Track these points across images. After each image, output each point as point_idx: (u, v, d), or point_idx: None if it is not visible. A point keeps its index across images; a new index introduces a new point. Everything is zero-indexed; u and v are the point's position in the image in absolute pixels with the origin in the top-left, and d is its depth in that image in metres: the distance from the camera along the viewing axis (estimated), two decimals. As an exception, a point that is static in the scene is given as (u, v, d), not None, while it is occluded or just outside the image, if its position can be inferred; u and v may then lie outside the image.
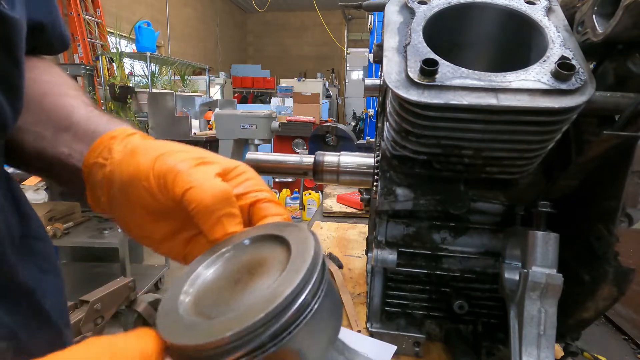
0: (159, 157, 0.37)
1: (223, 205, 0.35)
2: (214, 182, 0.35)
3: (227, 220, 0.35)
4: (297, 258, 0.28)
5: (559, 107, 0.44)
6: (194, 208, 0.35)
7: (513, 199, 0.62)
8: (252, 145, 4.07)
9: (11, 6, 0.37)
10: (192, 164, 0.37)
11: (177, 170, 0.36)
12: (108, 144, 0.41)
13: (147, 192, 0.37)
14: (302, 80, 8.17)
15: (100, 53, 5.00)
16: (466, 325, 0.68)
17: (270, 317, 0.24)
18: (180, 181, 0.35)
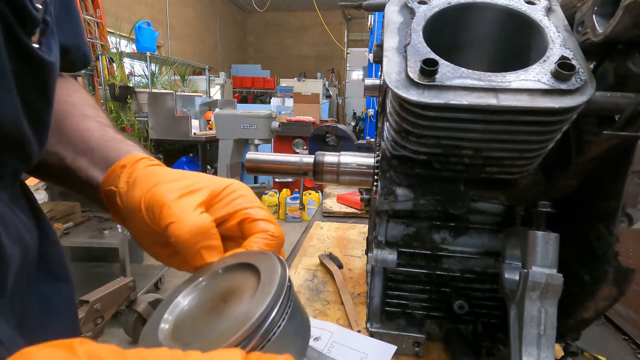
0: (150, 189, 0.41)
1: (200, 238, 0.38)
2: (192, 217, 0.38)
3: (205, 252, 0.38)
4: (265, 284, 0.31)
5: (559, 107, 0.44)
6: (174, 241, 0.38)
7: (513, 199, 0.62)
8: (252, 145, 4.07)
9: (49, 49, 0.40)
10: (177, 195, 0.39)
11: (163, 203, 0.39)
12: (118, 172, 0.45)
13: (142, 222, 0.41)
14: (302, 80, 8.17)
15: (100, 53, 5.00)
16: (466, 325, 0.68)
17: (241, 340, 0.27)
18: (164, 214, 0.38)
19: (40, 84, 0.39)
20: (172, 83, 5.71)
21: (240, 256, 0.38)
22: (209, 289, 0.36)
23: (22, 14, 0.34)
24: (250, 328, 0.27)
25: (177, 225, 0.37)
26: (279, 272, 0.31)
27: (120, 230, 2.66)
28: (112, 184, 0.45)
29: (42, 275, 0.46)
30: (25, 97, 0.37)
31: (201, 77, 6.82)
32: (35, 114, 0.40)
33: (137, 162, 0.45)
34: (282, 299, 0.30)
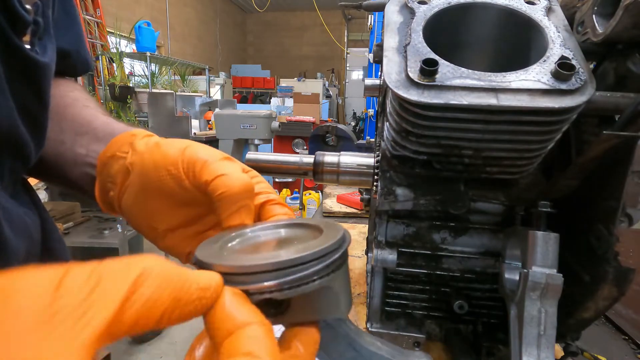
0: (187, 147, 0.40)
1: (247, 196, 0.37)
2: (242, 175, 0.38)
3: (245, 211, 0.37)
4: (328, 229, 0.31)
5: (559, 107, 0.44)
6: (221, 193, 0.36)
7: (513, 199, 0.62)
8: (252, 145, 4.07)
9: (43, 50, 0.40)
10: (220, 157, 0.39)
11: (206, 160, 0.38)
12: (129, 139, 0.43)
13: (172, 177, 0.39)
14: (302, 80, 8.16)
15: (100, 53, 5.00)
16: (466, 325, 0.68)
17: (321, 255, 0.27)
18: (209, 169, 0.37)
19: (34, 85, 0.39)
20: (172, 83, 5.71)
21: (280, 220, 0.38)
22: (266, 237, 0.35)
23: (11, 15, 0.34)
24: (332, 246, 0.27)
25: (228, 178, 0.36)
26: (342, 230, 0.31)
27: (120, 230, 2.66)
28: (118, 150, 0.43)
29: None
30: (19, 98, 0.37)
31: (201, 77, 6.82)
32: (31, 114, 0.40)
33: (151, 135, 0.45)
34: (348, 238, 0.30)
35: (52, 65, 0.42)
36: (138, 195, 0.42)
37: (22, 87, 0.38)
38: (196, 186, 0.38)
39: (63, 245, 0.51)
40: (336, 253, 0.28)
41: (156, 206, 0.41)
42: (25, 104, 0.39)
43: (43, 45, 0.40)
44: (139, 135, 0.44)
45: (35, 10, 0.38)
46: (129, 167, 0.41)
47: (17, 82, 0.37)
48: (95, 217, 3.01)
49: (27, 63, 0.37)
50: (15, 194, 0.42)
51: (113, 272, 0.22)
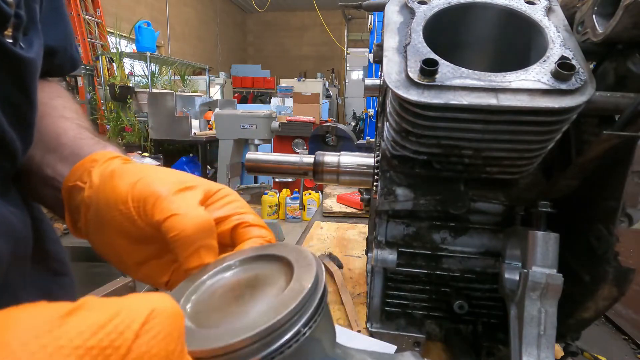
0: (139, 180, 0.37)
1: (203, 236, 0.35)
2: (197, 212, 0.35)
3: (204, 252, 0.35)
4: (299, 262, 0.28)
5: (559, 107, 0.44)
6: (174, 236, 0.34)
7: (513, 199, 0.62)
8: (252, 145, 4.07)
9: (29, 45, 0.39)
10: (174, 189, 0.36)
11: (158, 195, 0.35)
12: (88, 166, 0.41)
13: (124, 216, 0.36)
14: (302, 80, 8.16)
15: (100, 53, 5.00)
16: (466, 325, 0.68)
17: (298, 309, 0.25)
18: (161, 207, 0.35)
19: (17, 80, 0.38)
20: (172, 83, 5.72)
21: (248, 251, 0.35)
22: (229, 279, 0.33)
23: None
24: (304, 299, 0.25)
25: (181, 219, 0.34)
26: (310, 255, 0.29)
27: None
28: (78, 179, 0.40)
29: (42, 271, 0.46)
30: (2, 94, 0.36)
31: (201, 77, 6.82)
32: (15, 110, 0.38)
33: (113, 159, 0.41)
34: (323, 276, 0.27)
35: (39, 60, 0.41)
36: (99, 231, 0.39)
37: (4, 82, 0.37)
38: (149, 225, 0.35)
39: (59, 247, 0.50)
40: (314, 300, 0.26)
41: (118, 243, 0.39)
42: (8, 99, 0.37)
43: (29, 40, 0.39)
44: (100, 160, 0.41)
45: (17, 3, 0.36)
46: (87, 200, 0.39)
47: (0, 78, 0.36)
48: (95, 217, 3.00)
49: (9, 58, 0.36)
50: (5, 193, 0.41)
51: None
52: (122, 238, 0.38)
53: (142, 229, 0.36)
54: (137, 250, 0.39)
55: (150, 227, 0.36)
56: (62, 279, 0.49)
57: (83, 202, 0.40)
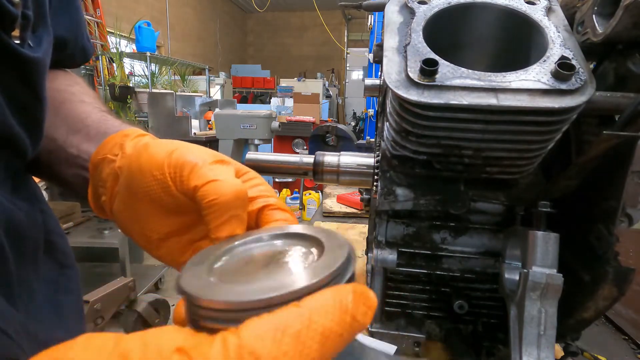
0: (175, 150, 0.37)
1: (238, 204, 0.34)
2: (235, 181, 0.35)
3: (236, 222, 0.34)
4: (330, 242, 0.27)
5: (559, 107, 0.44)
6: (210, 201, 0.33)
7: (513, 199, 0.62)
8: (252, 145, 4.07)
9: (37, 43, 0.39)
10: (210, 160, 0.36)
11: (195, 164, 0.35)
12: (120, 140, 0.41)
13: (158, 183, 0.36)
14: (302, 80, 8.16)
15: (100, 53, 5.00)
16: (466, 325, 0.68)
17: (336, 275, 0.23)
18: (198, 174, 0.34)
19: (25, 80, 0.38)
20: (172, 83, 5.71)
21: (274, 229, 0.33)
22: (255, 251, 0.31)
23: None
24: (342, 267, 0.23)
25: (219, 185, 0.33)
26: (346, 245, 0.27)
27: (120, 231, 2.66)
28: (108, 152, 0.40)
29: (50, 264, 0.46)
30: (10, 94, 0.37)
31: (201, 77, 6.82)
32: (24, 110, 0.39)
33: (143, 135, 0.42)
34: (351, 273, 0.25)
35: (47, 58, 0.41)
36: (127, 202, 0.39)
37: (12, 82, 0.37)
38: (183, 192, 0.35)
39: (65, 240, 0.51)
40: (348, 272, 0.24)
41: (146, 214, 0.39)
42: (17, 99, 0.38)
43: (38, 38, 0.39)
44: (131, 135, 0.42)
45: (24, 4, 0.36)
46: (118, 171, 0.39)
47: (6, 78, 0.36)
48: (95, 217, 3.01)
49: (18, 59, 0.36)
50: (16, 189, 0.42)
51: None
52: (151, 207, 0.38)
53: (174, 196, 0.36)
54: (163, 222, 0.39)
55: (184, 195, 0.35)
56: (68, 270, 0.50)
57: (112, 173, 0.40)
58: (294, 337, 0.18)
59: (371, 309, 0.20)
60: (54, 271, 0.47)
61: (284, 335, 0.18)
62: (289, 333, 0.18)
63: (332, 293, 0.20)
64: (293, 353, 0.17)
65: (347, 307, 0.19)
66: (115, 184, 0.40)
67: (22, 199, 0.42)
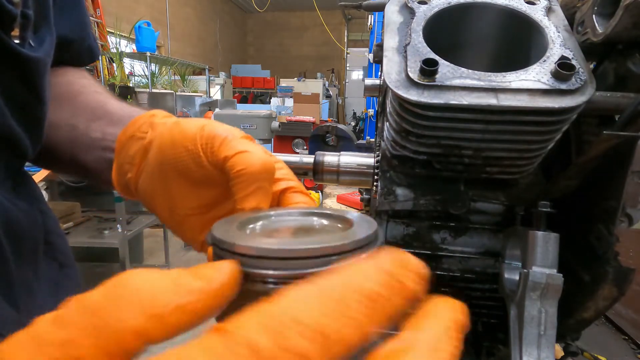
0: (207, 124, 0.38)
1: (266, 177, 0.35)
2: (263, 153, 0.35)
3: (262, 195, 0.35)
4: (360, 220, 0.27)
5: (559, 107, 0.44)
6: (239, 170, 0.34)
7: (513, 199, 0.62)
8: (252, 145, 4.07)
9: (39, 43, 0.39)
10: (241, 135, 0.37)
11: (225, 137, 0.36)
12: (148, 119, 0.42)
13: (190, 154, 0.37)
14: (302, 80, 8.17)
15: (100, 53, 5.00)
16: (466, 325, 0.68)
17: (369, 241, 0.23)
18: (229, 145, 0.35)
19: (25, 80, 0.38)
20: (172, 83, 5.72)
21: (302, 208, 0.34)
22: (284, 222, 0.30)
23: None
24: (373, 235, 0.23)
25: (249, 156, 0.34)
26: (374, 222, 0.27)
27: (120, 231, 2.66)
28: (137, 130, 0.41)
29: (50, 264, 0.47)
30: (9, 93, 0.37)
31: (201, 77, 6.83)
32: (24, 110, 0.39)
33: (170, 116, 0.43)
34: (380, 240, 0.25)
35: (48, 59, 0.42)
36: (154, 175, 0.40)
37: (11, 81, 0.37)
38: (214, 163, 0.36)
39: (64, 240, 0.51)
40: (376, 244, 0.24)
41: (173, 187, 0.39)
42: (17, 99, 0.38)
43: (40, 38, 0.40)
44: (159, 115, 0.43)
45: (24, 3, 0.36)
46: (148, 146, 0.40)
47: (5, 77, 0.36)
48: (95, 217, 3.01)
49: (17, 59, 0.36)
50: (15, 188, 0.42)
51: None
52: (179, 180, 0.39)
53: (204, 168, 0.37)
54: (190, 196, 0.39)
55: (213, 166, 0.36)
56: (68, 270, 0.50)
57: (141, 149, 0.40)
58: (337, 300, 0.16)
59: (416, 273, 0.19)
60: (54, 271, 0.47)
61: (330, 300, 0.16)
62: (332, 297, 0.17)
63: (373, 258, 0.19)
64: (338, 316, 0.16)
65: (390, 270, 0.18)
66: (142, 160, 0.41)
67: (21, 199, 0.42)
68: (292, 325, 0.15)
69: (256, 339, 0.15)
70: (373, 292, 0.17)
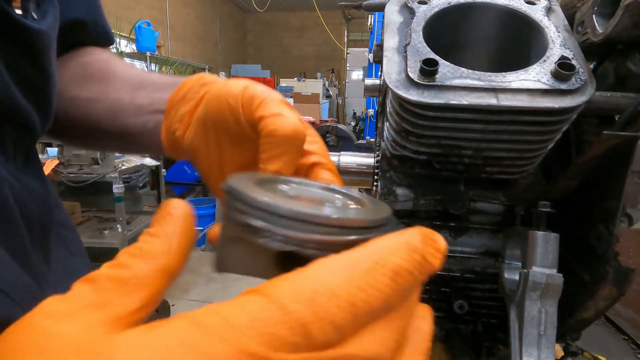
0: (250, 84, 0.38)
1: (294, 143, 0.34)
2: (297, 120, 0.35)
3: (287, 158, 0.34)
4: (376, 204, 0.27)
5: (559, 107, 0.44)
6: (270, 131, 0.34)
7: (513, 199, 0.62)
8: (252, 145, 4.07)
9: (42, 16, 0.39)
10: (280, 99, 0.37)
11: (264, 98, 0.36)
12: (198, 81, 0.42)
13: (230, 110, 0.37)
14: (302, 80, 8.16)
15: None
16: (466, 325, 0.68)
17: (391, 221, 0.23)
18: (267, 106, 0.35)
19: (29, 52, 0.38)
20: (172, 83, 5.71)
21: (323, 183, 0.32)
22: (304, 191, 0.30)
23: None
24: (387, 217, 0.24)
25: (283, 119, 0.34)
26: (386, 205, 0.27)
27: (120, 230, 2.66)
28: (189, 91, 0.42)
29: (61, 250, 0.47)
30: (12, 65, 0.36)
31: (201, 77, 6.81)
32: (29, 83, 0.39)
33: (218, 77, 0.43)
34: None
35: (52, 33, 0.41)
36: (199, 130, 0.40)
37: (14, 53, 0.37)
38: (250, 122, 0.36)
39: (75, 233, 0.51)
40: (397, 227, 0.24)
41: (213, 142, 0.40)
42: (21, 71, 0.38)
43: (42, 12, 0.39)
44: (207, 77, 0.43)
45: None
46: (198, 103, 0.41)
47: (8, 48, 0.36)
48: (95, 217, 3.01)
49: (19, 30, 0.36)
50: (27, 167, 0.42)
51: None
52: (222, 135, 0.39)
53: (242, 126, 0.37)
54: (231, 152, 0.40)
55: (250, 125, 0.36)
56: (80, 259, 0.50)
57: (191, 107, 0.41)
58: (365, 272, 0.18)
59: (439, 251, 0.20)
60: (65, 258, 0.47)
61: (356, 271, 0.17)
62: (361, 269, 0.18)
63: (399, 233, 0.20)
64: (366, 287, 0.17)
65: (417, 246, 0.19)
66: (192, 114, 0.41)
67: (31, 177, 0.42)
68: (325, 293, 0.16)
69: (289, 304, 0.16)
70: (399, 267, 0.18)
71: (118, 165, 2.72)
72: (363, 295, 0.17)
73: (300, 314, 0.16)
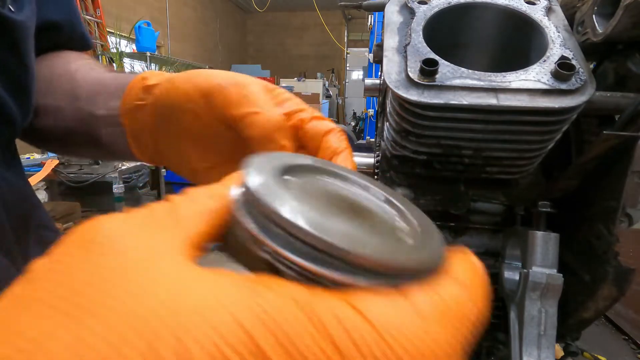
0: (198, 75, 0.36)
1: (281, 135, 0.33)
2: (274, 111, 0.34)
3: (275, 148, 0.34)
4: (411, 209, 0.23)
5: (558, 107, 0.44)
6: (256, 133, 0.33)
7: (513, 199, 0.62)
8: (252, 145, 4.06)
9: (18, 8, 0.39)
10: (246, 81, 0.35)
11: (223, 88, 0.34)
12: (140, 84, 0.41)
13: (192, 113, 0.36)
14: (302, 80, 8.16)
15: (100, 53, 4.99)
16: (466, 325, 0.68)
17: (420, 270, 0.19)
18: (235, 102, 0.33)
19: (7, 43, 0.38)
20: (172, 83, 5.71)
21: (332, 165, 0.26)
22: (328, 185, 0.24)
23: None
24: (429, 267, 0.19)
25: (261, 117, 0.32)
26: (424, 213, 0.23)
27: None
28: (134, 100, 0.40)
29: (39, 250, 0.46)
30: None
31: (201, 77, 6.81)
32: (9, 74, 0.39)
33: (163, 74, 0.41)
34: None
35: (30, 24, 0.41)
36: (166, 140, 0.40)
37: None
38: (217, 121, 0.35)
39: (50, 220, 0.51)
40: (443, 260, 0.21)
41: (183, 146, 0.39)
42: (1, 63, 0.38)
43: (19, 3, 0.39)
44: (149, 77, 0.41)
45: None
46: (151, 110, 0.39)
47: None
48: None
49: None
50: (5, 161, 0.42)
51: None
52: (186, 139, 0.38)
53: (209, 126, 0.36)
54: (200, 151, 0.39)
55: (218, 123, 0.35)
56: None
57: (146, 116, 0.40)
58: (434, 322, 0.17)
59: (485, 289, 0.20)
60: None
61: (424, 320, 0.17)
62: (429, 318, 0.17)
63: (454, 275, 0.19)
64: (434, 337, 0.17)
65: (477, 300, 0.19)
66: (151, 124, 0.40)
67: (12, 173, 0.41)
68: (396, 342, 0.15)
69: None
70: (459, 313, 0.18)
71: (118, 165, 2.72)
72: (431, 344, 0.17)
73: None
